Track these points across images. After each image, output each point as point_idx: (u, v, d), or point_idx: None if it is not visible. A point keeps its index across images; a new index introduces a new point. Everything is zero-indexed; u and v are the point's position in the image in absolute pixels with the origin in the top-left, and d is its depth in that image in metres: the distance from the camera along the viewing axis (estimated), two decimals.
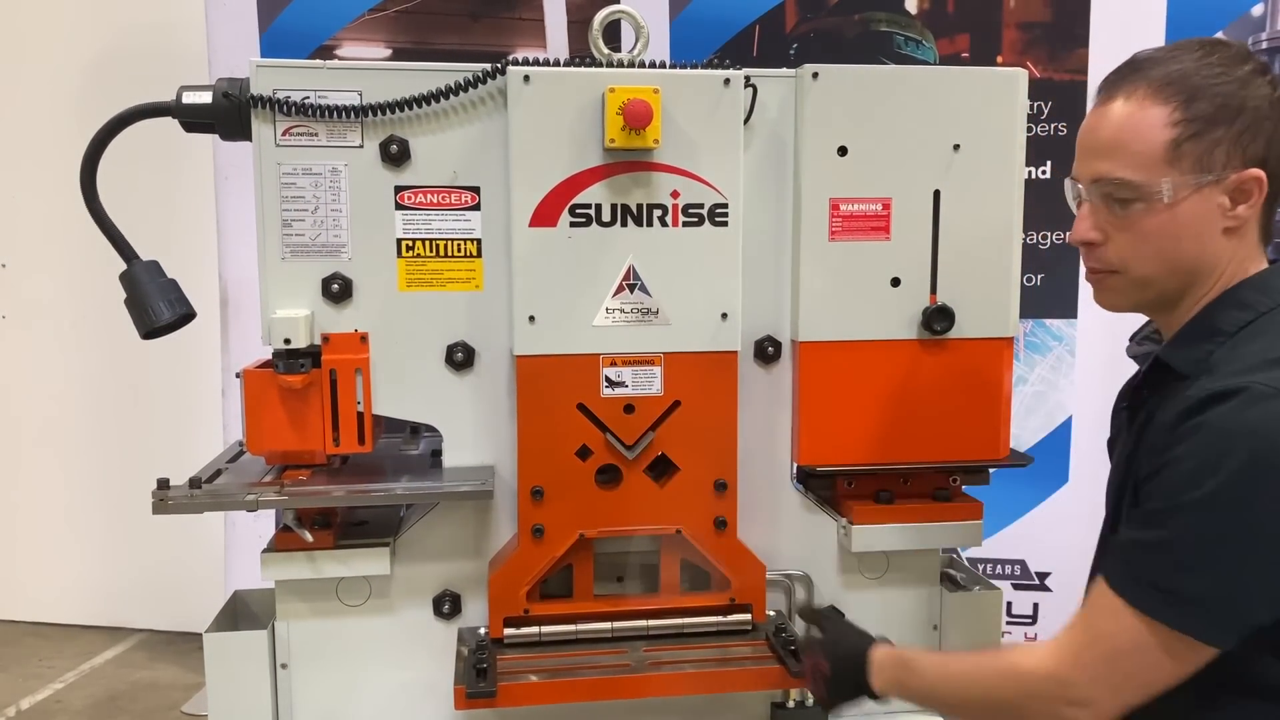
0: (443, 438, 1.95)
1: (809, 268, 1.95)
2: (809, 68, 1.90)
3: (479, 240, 1.89)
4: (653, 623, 1.96)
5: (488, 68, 1.83)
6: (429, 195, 1.87)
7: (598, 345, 1.87)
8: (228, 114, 1.84)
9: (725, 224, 1.87)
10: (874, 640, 1.73)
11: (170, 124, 1.89)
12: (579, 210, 1.84)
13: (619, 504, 1.91)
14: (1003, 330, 1.99)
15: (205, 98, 1.84)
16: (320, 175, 1.84)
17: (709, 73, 1.85)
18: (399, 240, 1.88)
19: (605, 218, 1.85)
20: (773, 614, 2.03)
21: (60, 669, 4.63)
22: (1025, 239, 2.02)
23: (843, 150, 1.92)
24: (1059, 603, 3.73)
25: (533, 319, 1.84)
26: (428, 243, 1.88)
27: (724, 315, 1.89)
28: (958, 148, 1.93)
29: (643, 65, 1.88)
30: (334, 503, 1.88)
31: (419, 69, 1.84)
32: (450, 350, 1.91)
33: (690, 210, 1.86)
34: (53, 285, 4.90)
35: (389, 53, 3.88)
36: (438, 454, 1.97)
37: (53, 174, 3.56)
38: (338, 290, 1.86)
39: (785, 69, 1.94)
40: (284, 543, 1.90)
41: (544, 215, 1.83)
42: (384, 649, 1.97)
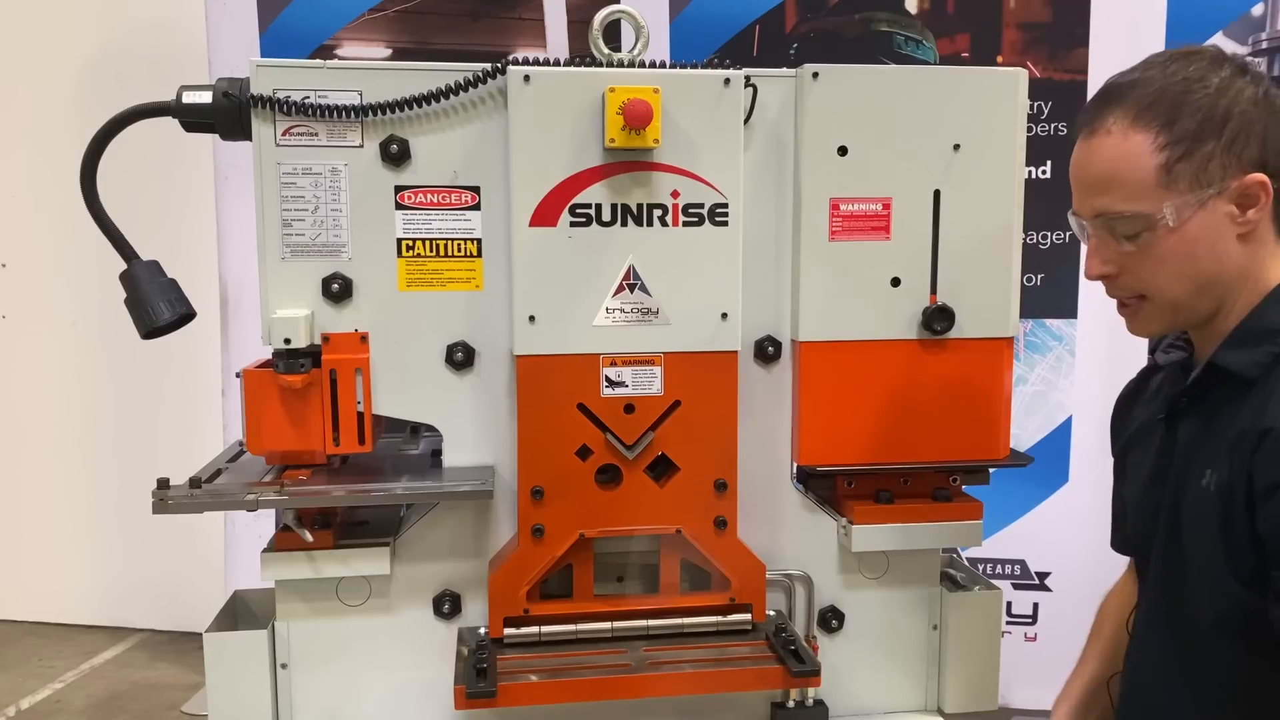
0: (443, 438, 1.95)
1: (809, 268, 1.95)
2: (809, 68, 1.90)
3: (479, 240, 1.89)
4: (653, 623, 1.96)
5: (488, 68, 1.83)
6: (429, 195, 1.87)
7: (598, 345, 1.87)
8: (228, 114, 1.83)
9: (725, 224, 1.87)
10: None
11: (170, 124, 1.89)
12: (579, 210, 1.84)
13: (619, 504, 1.91)
14: (1003, 330, 1.99)
15: (205, 98, 1.84)
16: (320, 175, 1.84)
17: (709, 73, 1.85)
18: (399, 240, 1.87)
19: (605, 217, 1.85)
20: (773, 614, 2.03)
21: (60, 669, 4.63)
22: (1025, 239, 2.01)
23: (843, 150, 1.92)
24: (1059, 603, 3.73)
25: (533, 319, 1.84)
26: (428, 242, 1.88)
27: (724, 315, 1.89)
28: (958, 148, 1.93)
29: (643, 65, 1.87)
30: (334, 503, 1.88)
31: (419, 69, 1.84)
32: (450, 350, 1.91)
33: (690, 210, 1.86)
34: (53, 285, 4.90)
35: (389, 53, 3.89)
36: (438, 454, 1.97)
37: (53, 174, 3.57)
38: (338, 290, 1.86)
39: (785, 69, 1.94)
40: (284, 543, 1.90)
41: (544, 215, 1.83)
42: (384, 649, 1.97)
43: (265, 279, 1.85)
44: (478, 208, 1.89)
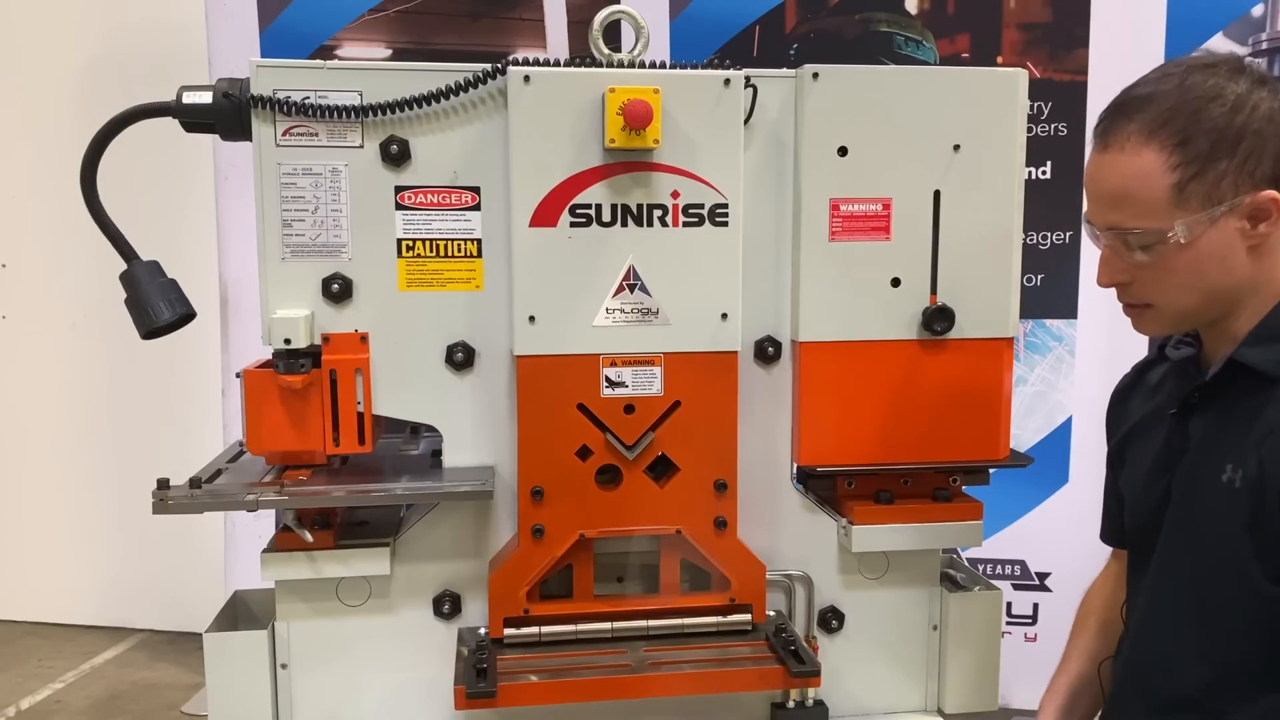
0: (443, 438, 1.95)
1: (809, 268, 1.95)
2: (809, 68, 1.90)
3: (479, 240, 1.89)
4: (653, 623, 1.96)
5: (488, 68, 1.83)
6: (429, 195, 1.87)
7: (598, 345, 1.87)
8: (228, 114, 1.83)
9: (725, 224, 1.87)
10: None
11: (170, 124, 1.89)
12: (579, 210, 1.84)
13: (619, 504, 1.91)
14: (1003, 330, 1.99)
15: (205, 98, 1.84)
16: (320, 175, 1.84)
17: (709, 73, 1.85)
18: (399, 240, 1.88)
19: (605, 218, 1.85)
20: (773, 614, 2.03)
21: (60, 669, 4.63)
22: (1025, 239, 2.02)
23: (843, 150, 1.92)
24: (1059, 603, 3.73)
25: (533, 319, 1.84)
26: (428, 243, 1.88)
27: (724, 315, 1.89)
28: (958, 148, 1.93)
29: (643, 65, 1.88)
30: (334, 503, 1.88)
31: (419, 69, 1.84)
32: (450, 350, 1.91)
33: (690, 210, 1.86)
34: (53, 285, 4.90)
35: (389, 53, 3.89)
36: (438, 454, 1.97)
37: (53, 174, 3.57)
38: (338, 290, 1.86)
39: (785, 69, 1.94)
40: (284, 543, 1.90)
41: (544, 215, 1.83)
42: (384, 649, 1.97)
43: (265, 279, 1.85)
44: (478, 208, 1.89)
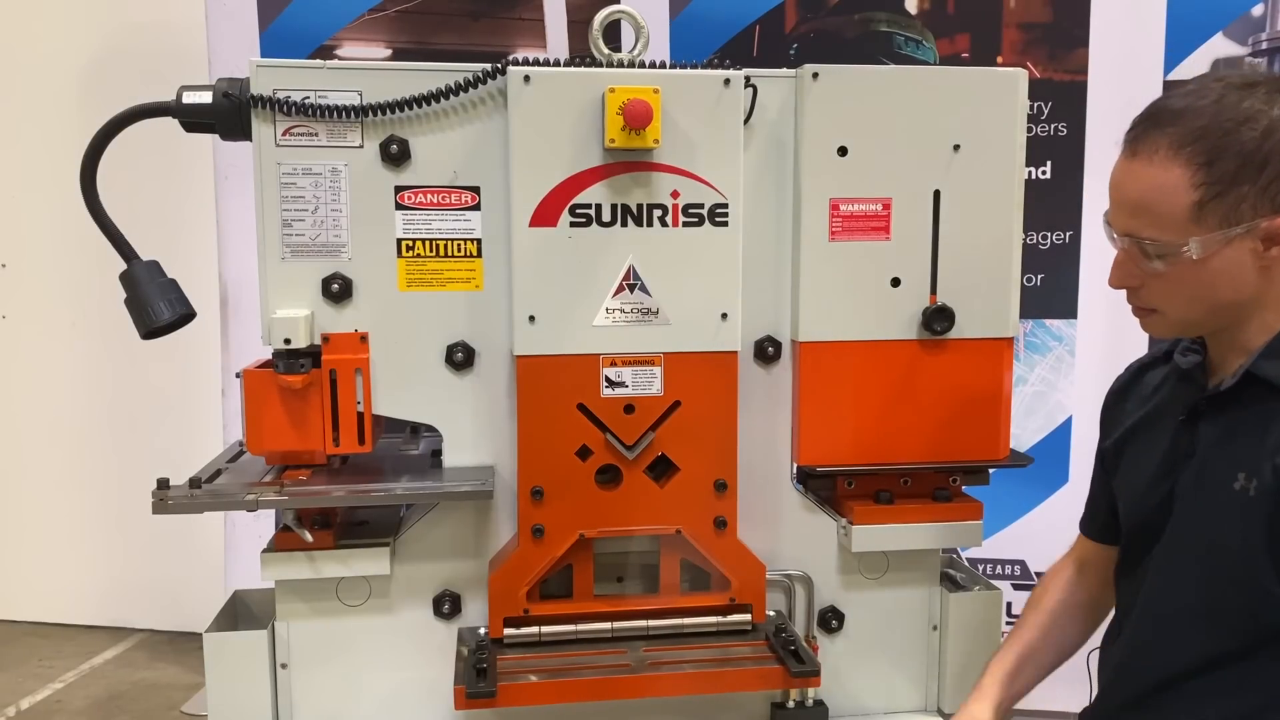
0: (443, 438, 1.95)
1: (809, 268, 1.95)
2: (809, 68, 1.90)
3: (479, 240, 1.89)
4: (653, 623, 1.96)
5: (488, 68, 1.83)
6: (429, 195, 1.87)
7: (598, 345, 1.87)
8: (228, 114, 1.83)
9: (725, 224, 1.87)
10: None
11: (170, 124, 1.89)
12: (579, 210, 1.84)
13: (619, 504, 1.91)
14: (1003, 330, 1.99)
15: (205, 98, 1.84)
16: (320, 175, 1.84)
17: (709, 73, 1.85)
18: (399, 240, 1.88)
19: (605, 218, 1.85)
20: (773, 614, 2.03)
21: (60, 669, 4.63)
22: (1025, 239, 2.02)
23: (843, 150, 1.92)
24: None
25: (533, 319, 1.84)
26: (428, 243, 1.88)
27: (724, 315, 1.89)
28: (958, 148, 1.93)
29: (643, 65, 1.88)
30: (334, 503, 1.88)
31: (419, 69, 1.84)
32: (450, 350, 1.91)
33: (690, 210, 1.86)
34: (53, 285, 4.90)
35: (389, 53, 3.89)
36: (438, 454, 1.97)
37: (53, 174, 3.57)
38: (338, 290, 1.86)
39: (785, 69, 1.94)
40: (284, 543, 1.90)
41: (544, 215, 1.83)
42: (384, 649, 1.97)
43: (265, 279, 1.85)
44: (478, 208, 1.89)
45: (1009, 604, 3.69)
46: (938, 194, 1.94)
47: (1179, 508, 1.60)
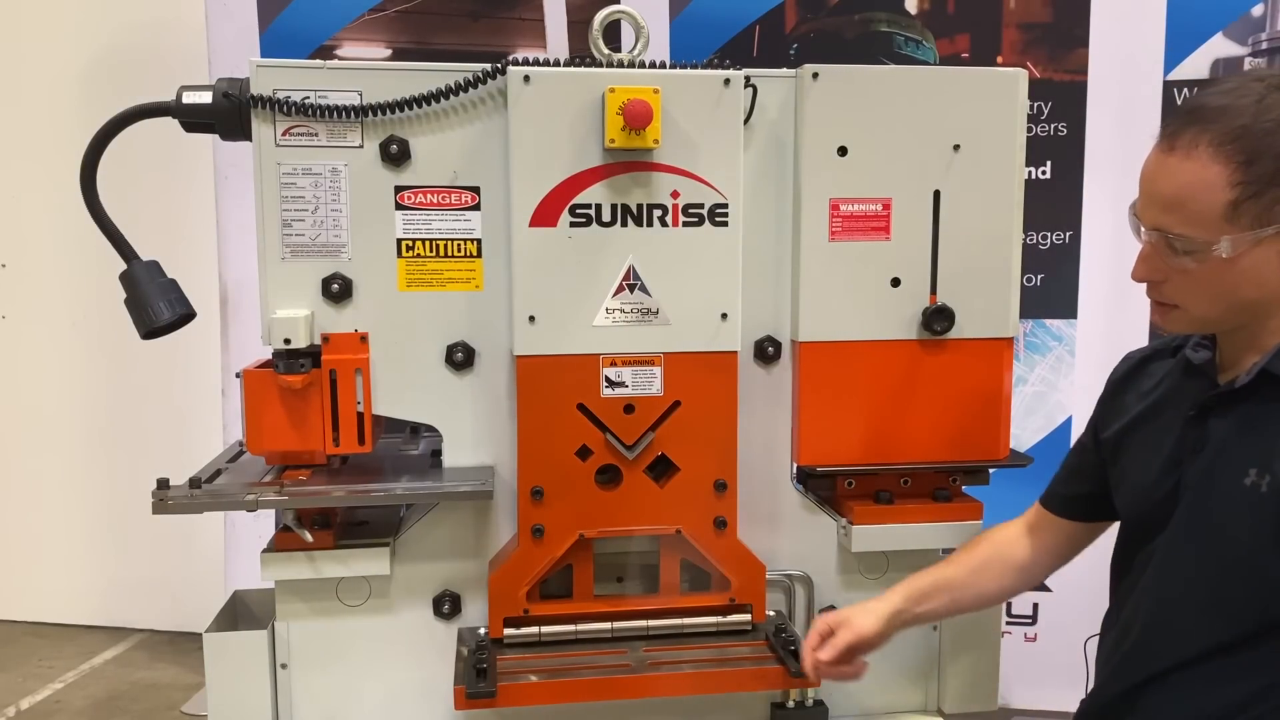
0: (443, 438, 1.95)
1: (809, 268, 1.95)
2: (809, 68, 1.90)
3: (479, 240, 1.89)
4: (653, 623, 1.96)
5: (488, 68, 1.83)
6: (429, 195, 1.87)
7: (598, 345, 1.87)
8: (228, 114, 1.84)
9: (725, 224, 1.87)
10: None
11: (170, 124, 1.89)
12: (579, 210, 1.84)
13: (619, 504, 1.91)
14: (1003, 330, 1.99)
15: (205, 98, 1.84)
16: (320, 175, 1.84)
17: (709, 73, 1.85)
18: (399, 240, 1.88)
19: (605, 218, 1.85)
20: (773, 614, 2.03)
21: (60, 669, 4.62)
22: (1025, 239, 2.01)
23: (843, 150, 1.92)
24: (1059, 603, 3.72)
25: (533, 319, 1.84)
26: (428, 243, 1.88)
27: (724, 315, 1.89)
28: (958, 148, 1.93)
29: (643, 65, 1.88)
30: (334, 503, 1.88)
31: (419, 69, 1.84)
32: (450, 350, 1.91)
33: (690, 210, 1.86)
34: (53, 285, 4.89)
35: (389, 53, 3.88)
36: (438, 454, 1.97)
37: (53, 174, 3.56)
38: (338, 290, 1.86)
39: (785, 69, 1.94)
40: (284, 543, 1.90)
41: (544, 215, 1.83)
42: (384, 649, 1.97)
43: (265, 279, 1.85)
44: (478, 208, 1.89)
45: (1009, 604, 3.70)
46: (938, 194, 1.94)
47: (1186, 501, 1.61)
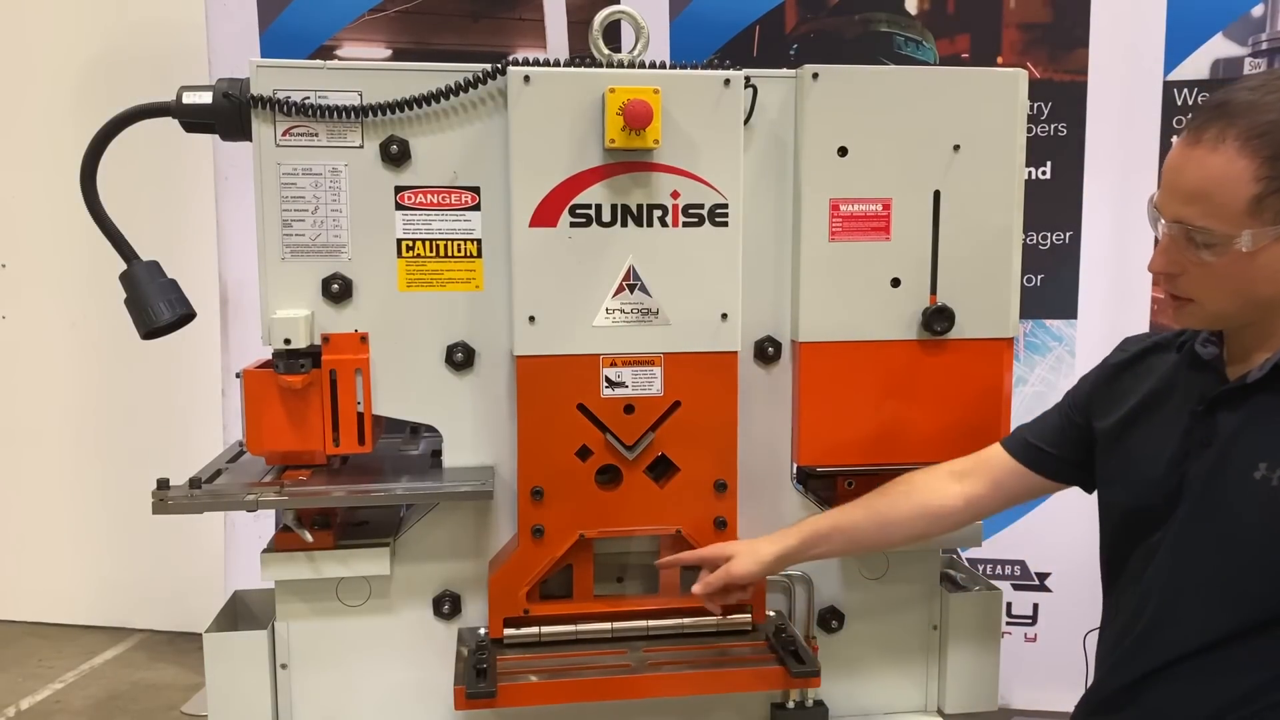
0: (443, 438, 1.95)
1: (809, 268, 1.95)
2: (809, 68, 1.90)
3: (479, 240, 1.90)
4: (653, 623, 1.96)
5: (488, 68, 1.83)
6: (429, 195, 1.87)
7: (598, 345, 1.87)
8: (228, 114, 1.84)
9: (725, 224, 1.87)
10: None
11: (170, 124, 1.89)
12: (579, 210, 1.84)
13: (619, 504, 1.91)
14: (1003, 331, 1.99)
15: (205, 98, 1.84)
16: (320, 175, 1.84)
17: (709, 73, 1.85)
18: (399, 240, 1.88)
19: (605, 218, 1.85)
20: (773, 614, 2.03)
21: (60, 669, 4.62)
22: (1025, 239, 2.01)
23: (843, 150, 1.92)
24: (1059, 603, 3.73)
25: (533, 319, 1.84)
26: (428, 243, 1.88)
27: (724, 315, 1.89)
28: (958, 148, 1.93)
29: (643, 65, 1.88)
30: (334, 503, 1.88)
31: (419, 69, 1.84)
32: (450, 350, 1.91)
33: (690, 210, 1.86)
34: (53, 285, 4.89)
35: (389, 53, 3.88)
36: (438, 454, 1.97)
37: (53, 174, 3.56)
38: (338, 290, 1.86)
39: (785, 69, 1.94)
40: (284, 543, 1.90)
41: (544, 215, 1.83)
42: (384, 649, 1.97)
43: (265, 279, 1.85)
44: (478, 208, 1.89)
45: (1009, 604, 3.70)
46: (938, 194, 1.94)
47: (1192, 494, 1.61)
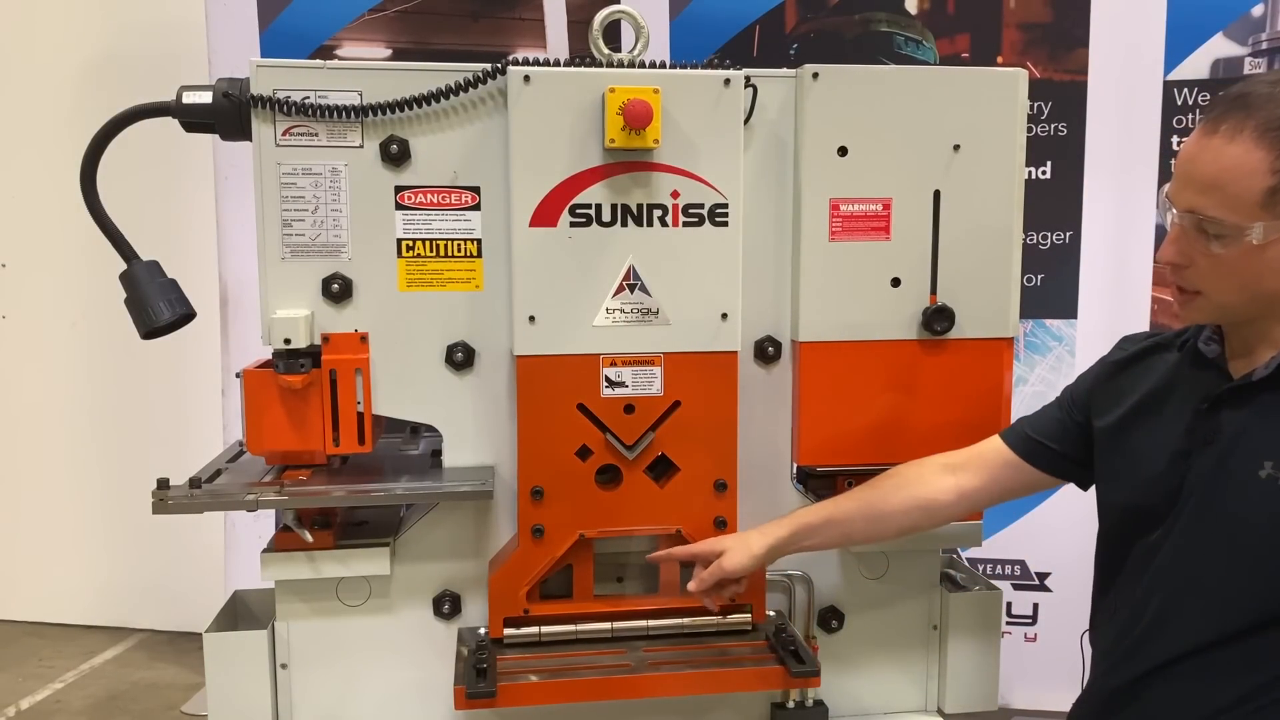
0: (443, 438, 1.95)
1: (809, 267, 1.95)
2: (809, 68, 1.90)
3: (479, 240, 1.90)
4: (653, 623, 1.96)
5: (488, 68, 1.83)
6: (429, 195, 1.87)
7: (598, 345, 1.87)
8: (228, 114, 1.84)
9: (725, 224, 1.87)
10: None
11: (170, 124, 1.89)
12: (579, 210, 1.84)
13: (619, 504, 1.91)
14: (1003, 330, 1.99)
15: (205, 98, 1.84)
16: (320, 175, 1.84)
17: (709, 73, 1.85)
18: (399, 240, 1.88)
19: (605, 218, 1.85)
20: (773, 614, 2.03)
21: (60, 669, 4.62)
22: (1025, 239, 2.01)
23: (843, 150, 1.92)
24: (1059, 603, 3.73)
25: (533, 319, 1.84)
26: (428, 243, 1.88)
27: (724, 315, 1.89)
28: (958, 148, 1.93)
29: (643, 65, 1.88)
30: (334, 503, 1.88)
31: (419, 69, 1.84)
32: (450, 350, 1.91)
33: (690, 210, 1.86)
34: (53, 285, 4.89)
35: (389, 53, 3.88)
36: (438, 454, 1.97)
37: (53, 174, 3.56)
38: (338, 290, 1.86)
39: (785, 69, 1.94)
40: (284, 543, 1.90)
41: (544, 215, 1.83)
42: (384, 649, 1.97)
43: (265, 279, 1.85)
44: (478, 208, 1.89)
45: (1009, 604, 3.71)
46: (938, 194, 1.94)
47: (1195, 493, 1.61)
